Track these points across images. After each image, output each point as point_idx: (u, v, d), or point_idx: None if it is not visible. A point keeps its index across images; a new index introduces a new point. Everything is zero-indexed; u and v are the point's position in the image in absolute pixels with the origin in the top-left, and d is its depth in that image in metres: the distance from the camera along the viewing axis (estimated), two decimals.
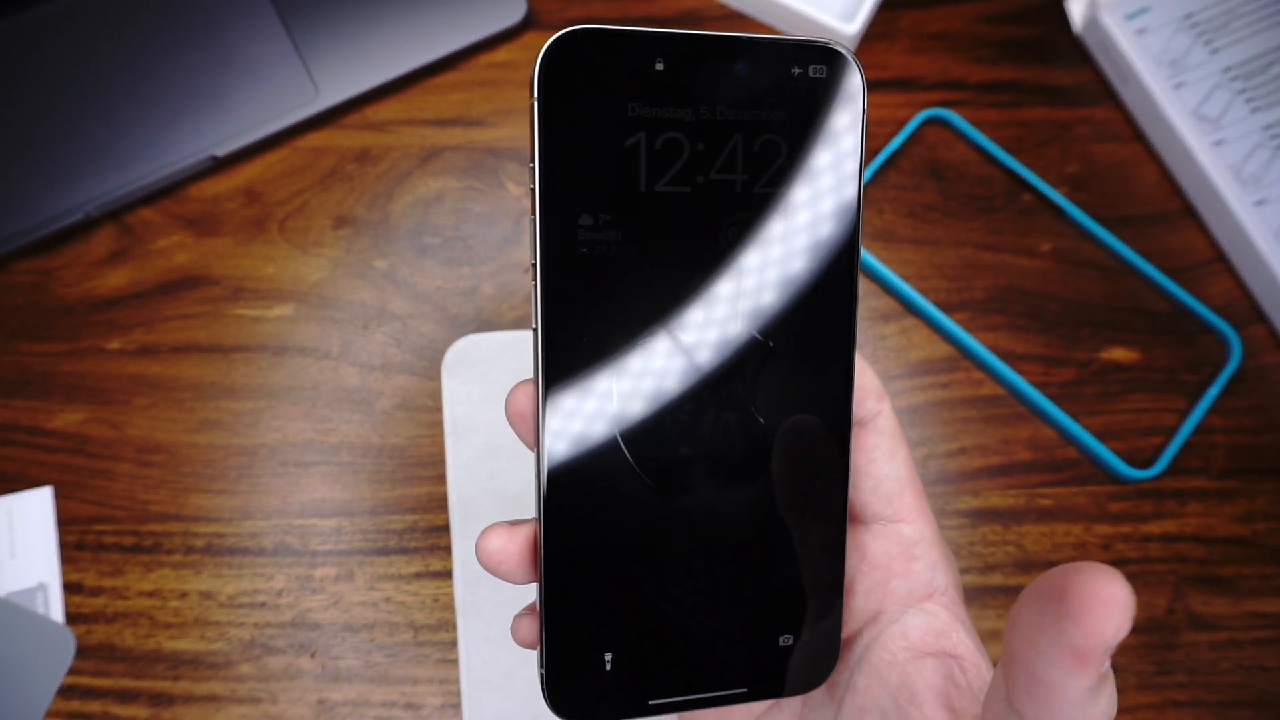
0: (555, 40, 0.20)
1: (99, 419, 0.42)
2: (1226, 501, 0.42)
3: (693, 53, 0.20)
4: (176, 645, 0.39)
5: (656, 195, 0.21)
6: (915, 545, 0.24)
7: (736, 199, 0.21)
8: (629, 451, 0.21)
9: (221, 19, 0.46)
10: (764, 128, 0.21)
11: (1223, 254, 0.45)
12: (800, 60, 0.21)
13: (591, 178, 0.20)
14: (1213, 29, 0.45)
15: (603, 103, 0.20)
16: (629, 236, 0.20)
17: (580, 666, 0.21)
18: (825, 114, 0.21)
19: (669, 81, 0.20)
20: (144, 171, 0.44)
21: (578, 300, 0.20)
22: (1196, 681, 0.39)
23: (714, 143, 0.21)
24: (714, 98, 0.21)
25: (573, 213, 0.20)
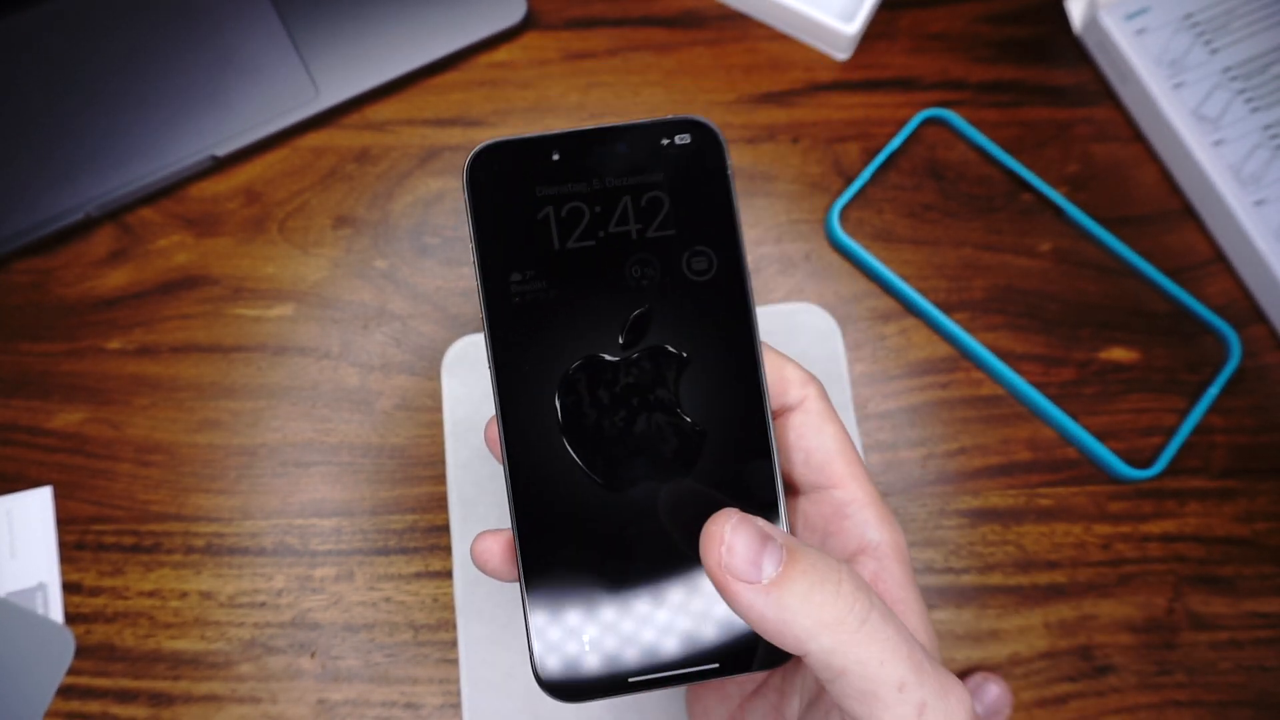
0: (475, 152, 0.26)
1: (99, 419, 0.42)
2: (1226, 501, 0.42)
3: (579, 144, 0.26)
4: (176, 645, 0.39)
5: (569, 250, 0.26)
6: (847, 506, 0.26)
7: (633, 244, 0.26)
8: (577, 456, 0.26)
9: (221, 19, 0.46)
10: (647, 187, 0.26)
11: (1222, 254, 0.45)
12: (666, 133, 0.27)
13: (516, 244, 0.26)
14: (1212, 29, 0.45)
15: (516, 189, 0.26)
16: (552, 284, 0.26)
17: (562, 650, 0.25)
18: (695, 167, 0.27)
19: (565, 166, 0.26)
20: (144, 171, 0.44)
21: (518, 339, 0.26)
22: (1196, 681, 0.39)
23: (608, 205, 0.26)
24: (603, 171, 0.26)
25: (505, 273, 0.26)
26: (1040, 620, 0.40)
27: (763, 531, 0.22)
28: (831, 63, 0.47)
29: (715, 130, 0.27)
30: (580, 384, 0.26)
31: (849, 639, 0.21)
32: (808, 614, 0.21)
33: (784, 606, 0.21)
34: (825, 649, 0.21)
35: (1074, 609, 0.40)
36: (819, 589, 0.21)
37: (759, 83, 0.47)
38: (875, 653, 0.21)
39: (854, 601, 0.21)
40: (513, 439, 0.26)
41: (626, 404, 0.26)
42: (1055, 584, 0.41)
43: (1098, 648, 0.40)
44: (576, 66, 0.47)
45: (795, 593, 0.21)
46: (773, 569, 0.22)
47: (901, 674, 0.21)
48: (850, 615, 0.21)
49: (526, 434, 0.26)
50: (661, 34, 0.48)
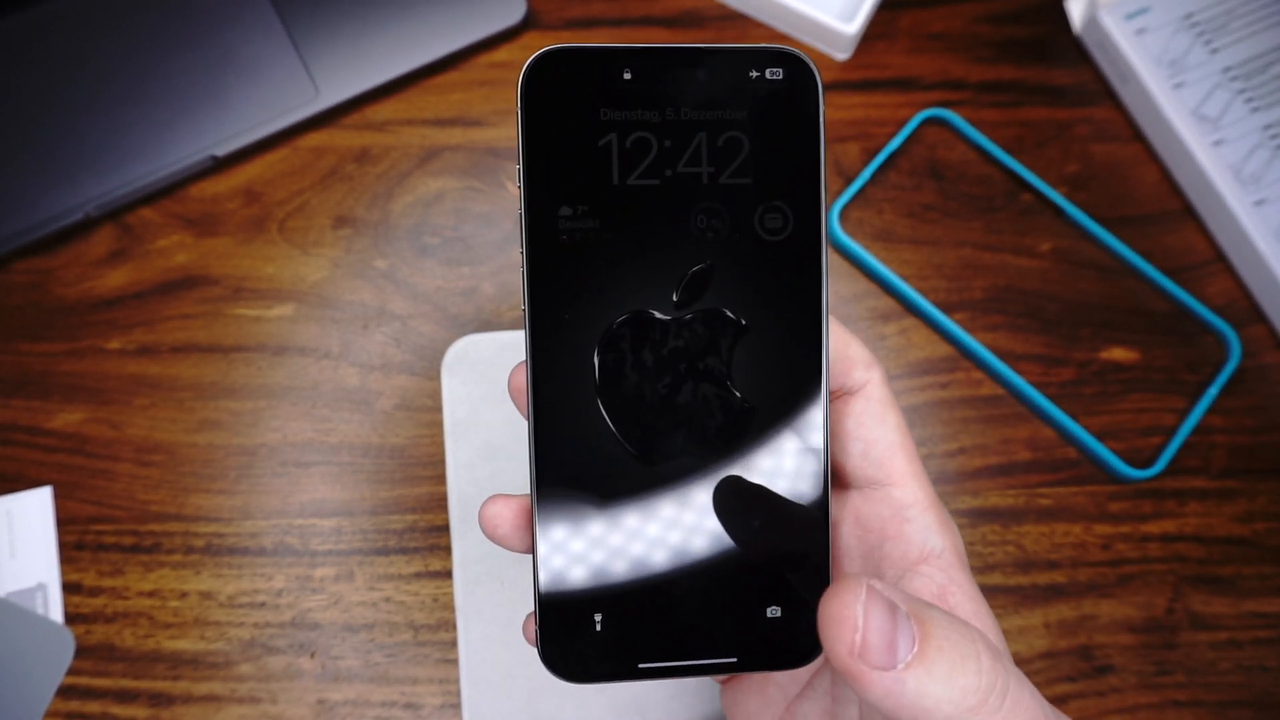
0: (536, 57, 0.23)
1: (99, 419, 0.42)
2: (1226, 501, 0.42)
3: (656, 63, 0.23)
4: (176, 645, 0.39)
5: (629, 188, 0.23)
6: (908, 509, 0.24)
7: (703, 189, 0.23)
8: (611, 421, 0.23)
9: (221, 19, 0.46)
10: (726, 125, 0.23)
11: (1222, 254, 0.45)
12: (756, 64, 0.23)
13: (570, 173, 0.23)
14: (1212, 29, 0.45)
15: (577, 109, 0.23)
16: (605, 225, 0.23)
17: (571, 626, 0.23)
18: (783, 109, 0.23)
19: (636, 89, 0.23)
20: (144, 171, 0.44)
21: (560, 282, 0.23)
22: (1196, 681, 0.39)
23: (679, 140, 0.23)
24: (678, 101, 0.23)
25: (554, 204, 0.23)
26: (1040, 620, 0.40)
27: (891, 603, 0.19)
28: (831, 63, 0.47)
29: (811, 68, 0.23)
30: (624, 341, 0.23)
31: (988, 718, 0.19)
32: (951, 699, 0.19)
33: (924, 694, 0.18)
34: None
35: (1074, 609, 0.40)
36: (961, 669, 0.19)
37: None
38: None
39: (995, 677, 0.19)
40: (542, 393, 0.23)
41: (672, 369, 0.23)
42: (1055, 584, 0.41)
43: (1098, 648, 0.40)
44: None
45: (937, 677, 0.19)
46: (908, 650, 0.19)
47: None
48: (994, 694, 0.19)
49: (558, 389, 0.23)
50: (661, 34, 0.48)
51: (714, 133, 0.23)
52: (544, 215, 0.23)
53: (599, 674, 0.23)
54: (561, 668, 0.23)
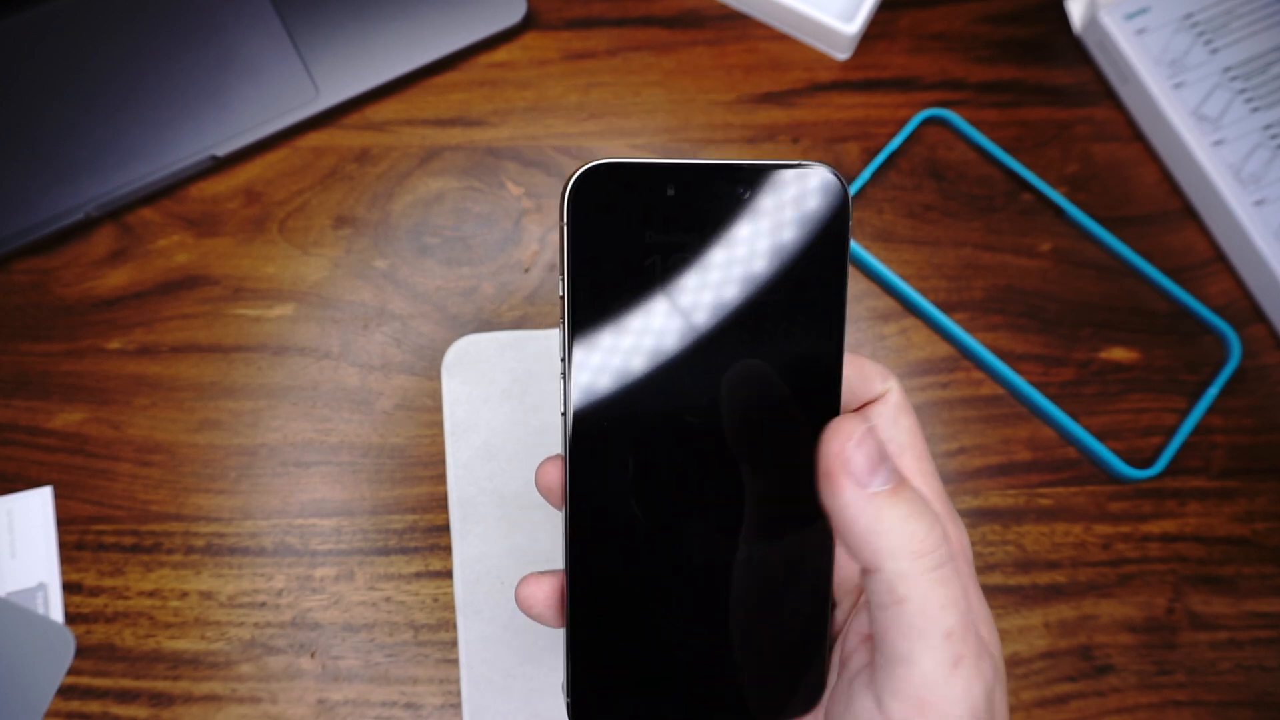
0: (582, 174, 0.23)
1: (99, 419, 0.42)
2: (1226, 501, 0.42)
3: (696, 180, 0.24)
4: (176, 645, 0.39)
5: (668, 305, 0.24)
6: None
7: (733, 307, 0.24)
8: (643, 515, 0.25)
9: (221, 19, 0.46)
10: (757, 242, 0.24)
11: (1222, 254, 0.45)
12: (790, 181, 0.24)
13: (614, 293, 0.24)
14: (1212, 29, 0.45)
15: (623, 229, 0.24)
16: (642, 339, 0.24)
17: (598, 703, 0.25)
18: (811, 231, 0.24)
19: (678, 206, 0.24)
20: (144, 171, 0.44)
21: (601, 390, 0.24)
22: (1196, 681, 0.39)
23: (715, 259, 0.24)
24: (715, 220, 0.24)
25: (599, 320, 0.24)
26: (1040, 620, 0.40)
27: (884, 451, 0.23)
28: (831, 63, 0.47)
29: (843, 186, 0.24)
30: (658, 443, 0.25)
31: (924, 573, 0.22)
32: (898, 534, 0.22)
33: (879, 519, 0.22)
34: (899, 572, 0.22)
35: (1074, 609, 0.40)
36: (917, 519, 0.22)
37: (759, 83, 0.47)
38: (940, 595, 0.22)
39: (941, 543, 0.22)
40: (579, 489, 0.25)
41: (701, 468, 0.25)
42: (1055, 584, 0.41)
43: (1098, 648, 0.40)
44: (576, 66, 0.47)
45: (895, 512, 0.22)
46: (881, 484, 0.22)
47: (952, 624, 0.22)
48: (934, 553, 0.22)
49: (593, 487, 0.25)
50: (661, 34, 0.48)
51: (748, 251, 0.24)
52: (589, 328, 0.24)
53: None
54: None
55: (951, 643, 0.22)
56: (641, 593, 0.25)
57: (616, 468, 0.25)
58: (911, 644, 0.22)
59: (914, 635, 0.22)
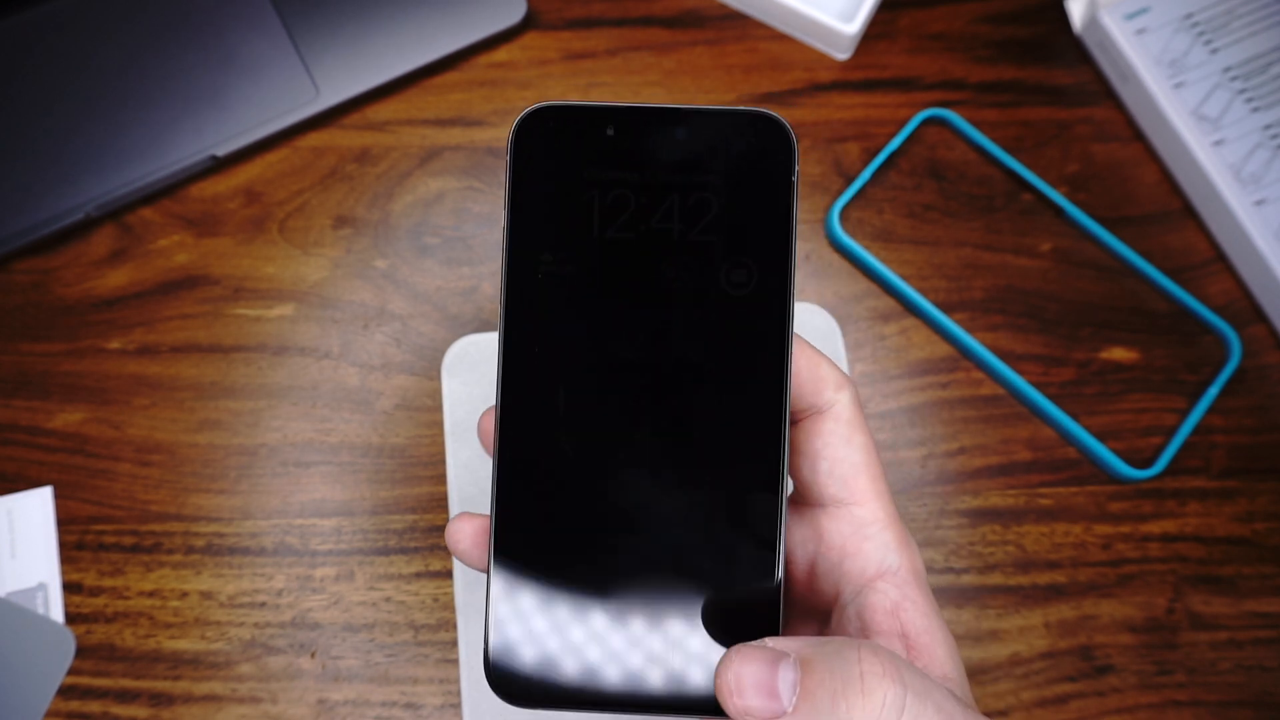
0: (525, 115, 0.24)
1: (99, 419, 0.42)
2: (1226, 501, 0.42)
3: (636, 122, 0.25)
4: (176, 645, 0.39)
5: (606, 240, 0.25)
6: (868, 526, 0.25)
7: (673, 244, 0.25)
8: (574, 454, 0.24)
9: (221, 19, 0.46)
10: (698, 186, 0.25)
11: (1223, 254, 0.45)
12: (733, 126, 0.24)
13: (553, 223, 0.25)
14: (1212, 29, 0.45)
15: (562, 164, 0.25)
16: (581, 271, 0.25)
17: (519, 651, 0.24)
18: (756, 169, 0.25)
19: (617, 146, 0.24)
20: (144, 171, 0.44)
21: (536, 321, 0.25)
22: (1196, 681, 0.39)
23: (654, 198, 0.25)
24: (655, 160, 0.25)
25: (536, 250, 0.25)
26: (1040, 620, 0.40)
27: (771, 653, 0.21)
28: (831, 63, 0.47)
29: (787, 131, 0.24)
30: (591, 381, 0.25)
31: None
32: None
33: None
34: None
35: (1074, 609, 0.40)
36: (844, 695, 0.20)
37: (759, 83, 0.47)
38: None
39: (884, 692, 0.20)
40: (508, 425, 0.24)
41: (637, 410, 0.24)
42: (1055, 584, 0.41)
43: (1098, 648, 0.40)
44: (576, 66, 0.47)
45: (821, 709, 0.20)
46: (792, 692, 0.20)
47: None
48: (884, 711, 0.20)
49: (524, 422, 0.24)
50: (661, 34, 0.48)
51: (686, 192, 0.25)
52: (526, 257, 0.25)
53: (541, 702, 0.24)
54: (504, 691, 0.24)
55: None
56: (573, 546, 0.24)
57: (549, 404, 0.25)
58: None
59: None
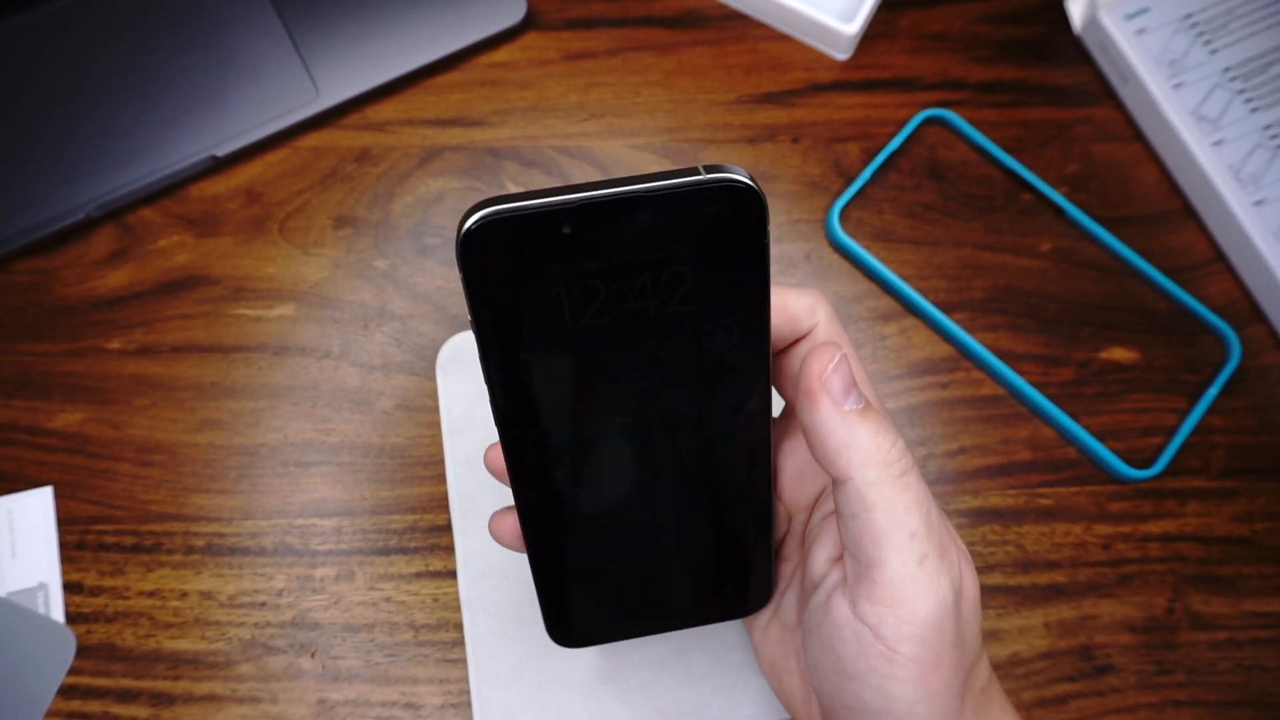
0: (469, 229, 0.22)
1: (99, 419, 0.42)
2: (1226, 501, 0.42)
3: (594, 216, 0.22)
4: (176, 645, 0.39)
5: (581, 328, 0.24)
6: None
7: (650, 319, 0.24)
8: (587, 500, 0.27)
9: (221, 19, 0.46)
10: (669, 262, 0.23)
11: (1222, 254, 0.45)
12: (698, 200, 0.22)
13: (522, 324, 0.23)
14: (1212, 29, 0.45)
15: (520, 269, 0.23)
16: (561, 360, 0.24)
17: (568, 612, 0.30)
18: (727, 237, 0.23)
19: (577, 241, 0.22)
20: (144, 171, 0.44)
21: (526, 412, 0.25)
22: (1196, 681, 0.39)
23: (625, 281, 0.23)
24: (620, 245, 0.23)
25: (511, 352, 0.24)
26: (1040, 620, 0.40)
27: (854, 376, 0.26)
28: (831, 63, 0.48)
29: (759, 195, 0.23)
30: (591, 445, 0.26)
31: (890, 480, 0.25)
32: (867, 447, 0.25)
33: (851, 432, 0.25)
34: (868, 480, 0.25)
35: (1074, 609, 0.40)
36: (883, 434, 0.25)
37: (759, 83, 0.47)
38: (904, 499, 0.25)
39: (903, 455, 0.25)
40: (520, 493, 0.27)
41: (635, 463, 0.27)
42: (1055, 584, 0.41)
43: (1098, 648, 0.40)
44: (576, 66, 0.47)
45: (865, 427, 0.25)
46: (854, 404, 0.25)
47: (916, 525, 0.25)
48: (898, 463, 0.25)
49: (538, 488, 0.27)
50: (661, 34, 0.48)
51: (658, 270, 0.23)
52: (502, 361, 0.24)
53: (591, 641, 0.31)
54: (562, 639, 0.30)
55: (916, 542, 0.25)
56: (598, 556, 0.28)
57: (558, 470, 0.27)
58: (880, 548, 0.25)
59: (882, 539, 0.25)
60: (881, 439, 0.25)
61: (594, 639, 0.31)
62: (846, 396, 0.25)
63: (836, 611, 0.26)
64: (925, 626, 0.24)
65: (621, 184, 0.22)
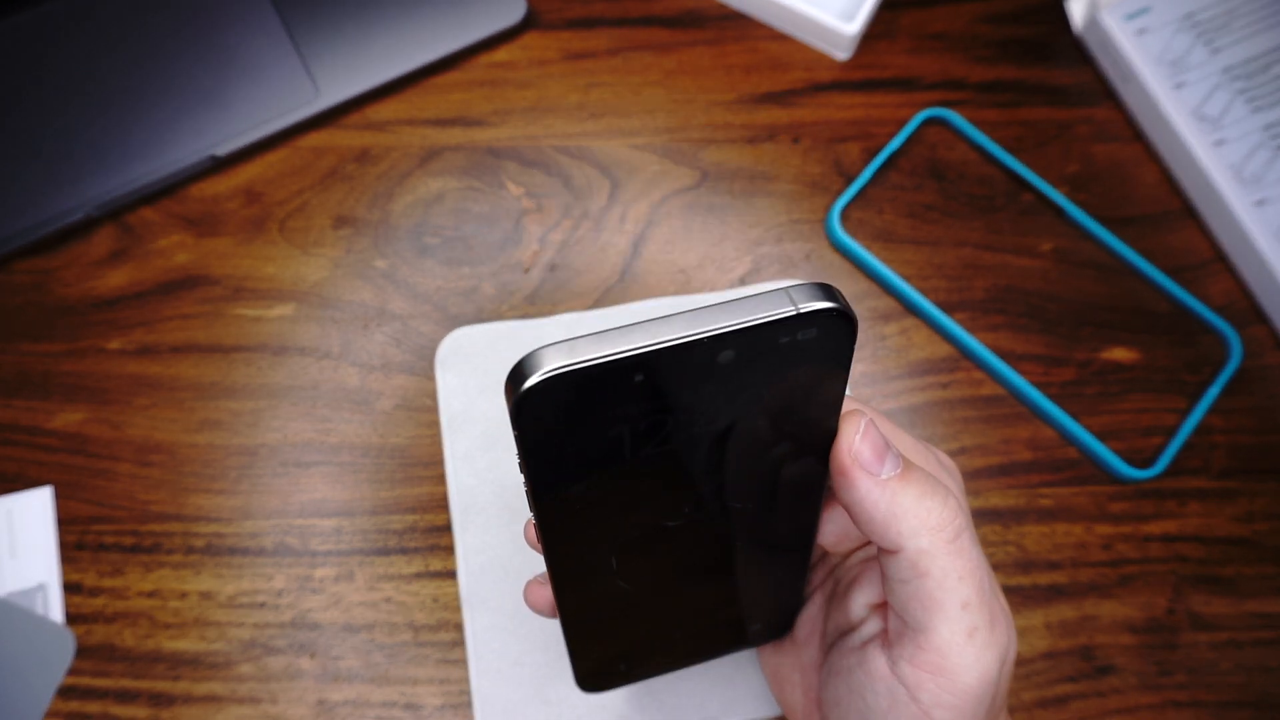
0: (529, 388, 0.19)
1: (99, 419, 0.42)
2: (1226, 501, 0.42)
3: (673, 360, 0.19)
4: (176, 645, 0.39)
5: (642, 455, 0.21)
6: None
7: (713, 438, 0.22)
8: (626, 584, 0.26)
9: (221, 19, 0.46)
10: (746, 392, 0.21)
11: (1223, 254, 0.45)
12: (789, 331, 0.19)
13: (579, 463, 0.21)
14: (1213, 29, 0.45)
15: (585, 418, 0.20)
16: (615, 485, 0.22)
17: (600, 672, 0.30)
18: (809, 364, 0.21)
19: (651, 386, 0.20)
20: (144, 171, 0.44)
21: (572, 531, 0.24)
22: (1196, 682, 0.39)
23: (694, 412, 0.21)
24: (697, 385, 0.20)
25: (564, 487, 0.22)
26: (1041, 620, 0.40)
27: (887, 439, 0.24)
28: (832, 62, 0.47)
29: (852, 322, 0.20)
30: (635, 542, 0.25)
31: (944, 546, 0.23)
32: (916, 514, 0.23)
33: (896, 502, 0.23)
34: (920, 549, 0.23)
35: (1075, 609, 0.40)
36: (930, 496, 0.24)
37: (759, 83, 0.47)
38: (958, 566, 0.23)
39: (955, 515, 0.24)
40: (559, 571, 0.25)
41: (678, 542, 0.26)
42: (1056, 584, 0.41)
43: (1098, 648, 0.40)
44: (576, 66, 0.47)
45: (909, 493, 0.23)
46: (891, 470, 0.24)
47: (969, 594, 0.24)
48: (950, 525, 0.24)
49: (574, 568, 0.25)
50: (661, 34, 0.48)
51: (731, 400, 0.21)
52: (554, 497, 0.22)
53: (615, 686, 0.31)
54: (592, 689, 0.31)
55: (968, 613, 0.23)
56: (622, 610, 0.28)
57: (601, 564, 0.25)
58: (930, 615, 0.24)
59: (933, 607, 0.23)
60: (930, 501, 0.23)
61: (620, 683, 0.31)
62: (881, 463, 0.23)
63: (873, 664, 0.25)
64: (965, 697, 0.24)
65: (701, 317, 0.19)
